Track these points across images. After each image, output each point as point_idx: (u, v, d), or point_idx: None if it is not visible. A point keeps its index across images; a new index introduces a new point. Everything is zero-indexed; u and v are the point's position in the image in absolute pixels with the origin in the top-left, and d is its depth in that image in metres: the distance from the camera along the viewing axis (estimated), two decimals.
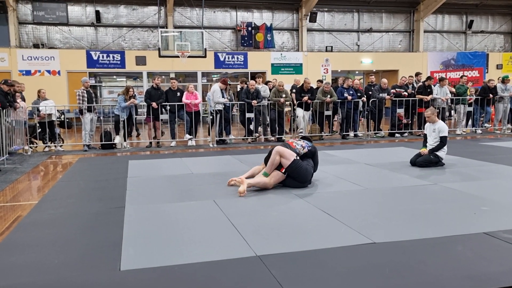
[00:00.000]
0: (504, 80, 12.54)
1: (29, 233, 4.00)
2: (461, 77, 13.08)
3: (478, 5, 22.13)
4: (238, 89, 14.91)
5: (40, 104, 10.02)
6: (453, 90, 12.30)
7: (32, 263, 3.25)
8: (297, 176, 5.53)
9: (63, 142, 10.61)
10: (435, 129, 7.19)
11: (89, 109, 10.00)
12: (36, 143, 10.28)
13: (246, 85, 11.12)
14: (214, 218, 4.34)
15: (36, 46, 17.68)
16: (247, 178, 5.60)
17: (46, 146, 10.07)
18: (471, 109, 12.46)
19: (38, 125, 10.07)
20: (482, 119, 12.88)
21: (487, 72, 20.96)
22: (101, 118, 11.15)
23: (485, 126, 12.89)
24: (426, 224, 4.01)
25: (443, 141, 7.04)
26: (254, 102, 10.72)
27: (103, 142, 10.16)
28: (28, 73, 17.10)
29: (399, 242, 3.55)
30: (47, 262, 3.27)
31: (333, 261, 3.20)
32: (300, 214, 4.45)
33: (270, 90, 11.63)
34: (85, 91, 9.96)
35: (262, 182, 5.47)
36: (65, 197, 5.43)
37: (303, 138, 6.22)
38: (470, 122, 12.81)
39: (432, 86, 11.90)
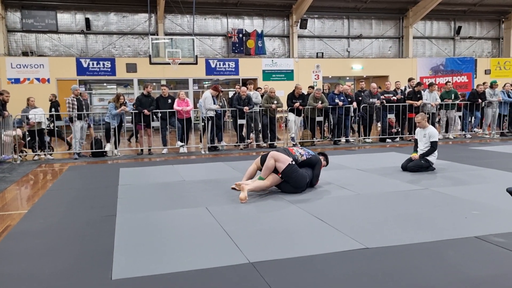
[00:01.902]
0: (493, 85, 12.69)
1: (19, 243, 3.95)
2: (447, 83, 13.08)
3: (466, 11, 22.45)
4: (230, 96, 14.92)
5: (29, 112, 9.93)
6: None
7: (22, 273, 3.21)
8: (292, 181, 5.55)
9: (53, 151, 10.51)
10: (425, 134, 7.24)
11: (79, 117, 9.94)
12: (26, 152, 10.18)
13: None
14: (207, 225, 4.32)
15: (25, 54, 17.58)
16: (246, 180, 5.74)
17: (35, 155, 9.98)
18: (460, 113, 12.55)
19: (27, 133, 9.98)
20: (471, 123, 13.00)
21: (475, 78, 21.20)
22: (92, 125, 11.08)
23: (474, 131, 13.01)
24: (418, 229, 4.03)
25: (433, 146, 7.10)
26: (245, 108, 10.73)
27: (94, 150, 10.09)
28: (17, 81, 16.98)
29: (391, 247, 3.56)
30: (37, 272, 3.23)
31: (327, 267, 3.19)
32: (293, 220, 4.45)
33: (262, 96, 11.67)
34: (75, 99, 9.90)
35: (259, 186, 5.52)
36: (55, 206, 5.37)
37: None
38: (459, 127, 12.94)
39: (422, 91, 12.01)
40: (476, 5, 22.00)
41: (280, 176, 5.53)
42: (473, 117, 12.91)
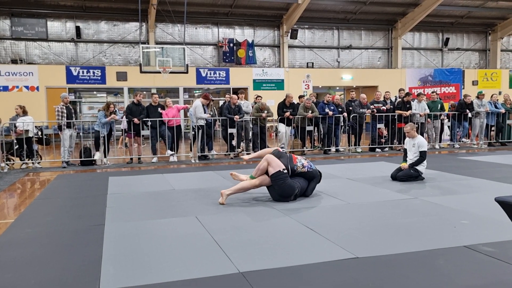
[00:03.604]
0: (479, 96, 12.86)
1: (5, 252, 3.88)
2: (432, 93, 13.21)
3: (453, 23, 22.81)
4: (220, 105, 14.92)
5: (17, 120, 9.82)
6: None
7: (7, 284, 3.15)
8: (278, 188, 5.61)
9: (41, 159, 10.39)
10: (414, 144, 7.30)
11: (68, 125, 9.86)
12: (13, 160, 10.05)
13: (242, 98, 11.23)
14: (196, 234, 4.28)
15: (14, 61, 17.44)
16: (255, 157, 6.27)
17: (23, 163, 9.85)
18: (448, 123, 12.70)
19: (15, 141, 9.86)
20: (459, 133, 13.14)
21: (463, 88, 21.50)
22: (81, 134, 11.00)
23: (462, 141, 13.15)
24: (408, 238, 4.04)
25: (422, 155, 7.15)
26: (236, 117, 10.74)
27: (83, 159, 10.00)
28: (5, 89, 16.82)
29: (381, 257, 3.56)
30: (23, 283, 3.17)
31: (317, 277, 3.18)
32: (283, 229, 4.43)
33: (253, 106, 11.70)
34: (64, 107, 9.83)
35: (243, 187, 5.71)
36: (42, 215, 5.30)
37: None
38: (448, 137, 13.07)
39: (411, 101, 12.13)
40: (464, 17, 22.37)
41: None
42: (461, 127, 13.06)
